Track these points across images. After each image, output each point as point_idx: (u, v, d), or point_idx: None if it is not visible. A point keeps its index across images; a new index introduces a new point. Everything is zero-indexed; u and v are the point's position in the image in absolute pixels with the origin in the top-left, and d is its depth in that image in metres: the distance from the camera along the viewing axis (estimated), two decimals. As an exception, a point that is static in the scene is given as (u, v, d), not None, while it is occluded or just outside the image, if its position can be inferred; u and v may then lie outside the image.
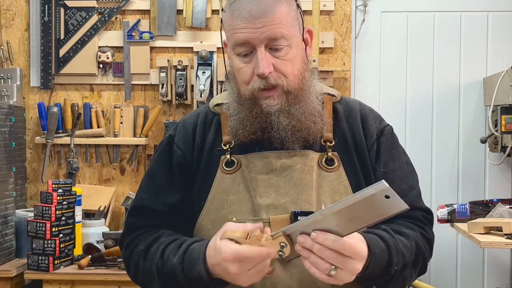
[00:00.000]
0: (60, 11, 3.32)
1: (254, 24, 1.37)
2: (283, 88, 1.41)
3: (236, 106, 1.47)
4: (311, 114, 1.45)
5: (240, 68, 1.43)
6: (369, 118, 1.53)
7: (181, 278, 1.35)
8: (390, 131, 1.55)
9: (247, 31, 1.38)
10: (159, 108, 3.28)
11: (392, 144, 1.54)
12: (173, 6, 3.30)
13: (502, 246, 2.55)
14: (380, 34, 3.40)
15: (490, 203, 2.90)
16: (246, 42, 1.39)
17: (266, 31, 1.37)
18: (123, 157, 3.36)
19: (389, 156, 1.51)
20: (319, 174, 1.44)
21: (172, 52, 3.34)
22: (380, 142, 1.51)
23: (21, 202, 3.18)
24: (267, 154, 1.44)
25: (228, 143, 1.48)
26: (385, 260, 1.30)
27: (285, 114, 1.42)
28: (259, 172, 1.43)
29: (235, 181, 1.45)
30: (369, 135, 1.50)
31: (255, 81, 1.41)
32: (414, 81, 3.40)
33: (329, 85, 3.25)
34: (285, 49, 1.40)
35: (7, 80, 3.23)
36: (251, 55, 1.41)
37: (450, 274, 3.40)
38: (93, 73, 3.33)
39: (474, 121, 3.38)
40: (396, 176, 1.49)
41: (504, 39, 3.36)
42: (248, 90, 1.42)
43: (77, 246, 2.91)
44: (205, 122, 1.53)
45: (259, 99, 1.42)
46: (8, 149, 2.97)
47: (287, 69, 1.41)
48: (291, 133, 1.42)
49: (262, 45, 1.38)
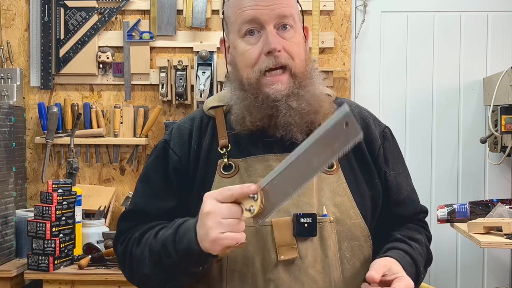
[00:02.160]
0: (60, 11, 3.33)
1: (264, 1, 1.38)
2: (290, 70, 1.40)
3: (239, 93, 1.44)
4: (319, 98, 1.44)
5: (246, 51, 1.41)
6: (370, 121, 1.53)
7: (172, 251, 1.31)
8: (390, 133, 1.56)
9: (258, 8, 1.38)
10: (159, 108, 3.29)
11: (395, 146, 1.56)
12: (173, 6, 3.30)
13: (502, 246, 2.55)
14: (380, 34, 3.41)
15: (490, 203, 2.90)
16: (256, 19, 1.38)
17: (276, 8, 1.38)
18: (123, 157, 3.36)
19: (394, 159, 1.53)
20: (319, 177, 1.42)
21: (172, 52, 3.34)
22: (385, 146, 1.52)
23: (21, 202, 3.18)
24: (267, 157, 1.43)
25: (225, 147, 1.45)
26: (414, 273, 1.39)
27: (294, 97, 1.40)
28: (259, 175, 1.40)
29: (234, 184, 1.42)
30: (374, 139, 1.50)
31: (263, 61, 1.39)
32: (414, 81, 3.40)
33: (329, 85, 3.26)
34: (292, 31, 1.40)
35: (7, 80, 3.23)
36: (258, 35, 1.40)
37: (450, 274, 3.40)
38: (93, 73, 3.33)
39: (474, 121, 3.38)
40: (403, 179, 1.52)
41: (504, 39, 3.37)
42: (254, 72, 1.40)
43: (77, 246, 2.91)
44: (201, 126, 1.51)
45: (265, 86, 1.40)
46: (8, 149, 2.97)
47: (294, 51, 1.40)
48: (300, 117, 1.40)
49: (272, 23, 1.38)
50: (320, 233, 1.38)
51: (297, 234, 1.36)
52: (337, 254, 1.39)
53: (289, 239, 1.36)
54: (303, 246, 1.37)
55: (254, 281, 1.37)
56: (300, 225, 1.37)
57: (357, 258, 1.42)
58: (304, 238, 1.37)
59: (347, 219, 1.41)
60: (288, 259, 1.36)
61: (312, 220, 1.37)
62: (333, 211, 1.40)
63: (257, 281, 1.37)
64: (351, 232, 1.41)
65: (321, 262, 1.38)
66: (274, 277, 1.36)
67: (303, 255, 1.37)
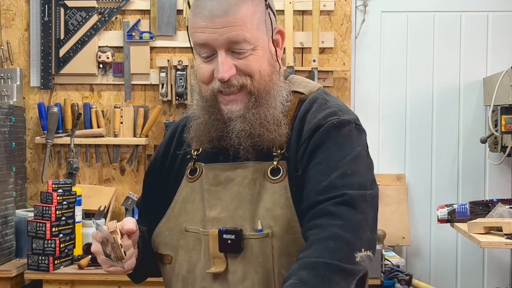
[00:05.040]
0: (60, 11, 3.32)
1: (214, 23, 1.28)
2: (247, 88, 1.32)
3: (198, 110, 1.39)
4: (266, 121, 1.33)
5: (200, 68, 1.34)
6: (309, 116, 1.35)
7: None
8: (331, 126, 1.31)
9: (207, 31, 1.29)
10: (159, 108, 3.28)
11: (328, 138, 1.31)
12: (173, 6, 3.30)
13: (502, 246, 2.55)
14: (380, 34, 3.41)
15: (490, 203, 2.90)
16: (206, 44, 1.30)
17: (225, 33, 1.28)
18: (123, 157, 3.36)
19: (317, 152, 1.30)
20: (263, 186, 1.34)
21: (172, 52, 3.34)
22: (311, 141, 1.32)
23: (21, 202, 3.18)
24: (215, 166, 1.39)
25: (197, 150, 1.43)
26: None
27: (241, 119, 1.33)
28: (211, 184, 1.38)
29: (194, 189, 1.42)
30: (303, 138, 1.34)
31: (215, 82, 1.32)
32: (414, 81, 3.40)
33: (329, 85, 3.26)
34: (248, 52, 1.30)
35: (7, 80, 3.23)
36: (212, 57, 1.32)
37: (450, 274, 3.40)
38: (93, 73, 3.33)
39: (474, 121, 3.38)
40: (317, 170, 1.29)
41: (504, 39, 3.37)
42: (208, 90, 1.34)
43: (77, 246, 2.91)
44: (185, 128, 1.46)
45: (221, 103, 1.35)
46: (8, 149, 2.97)
47: (251, 69, 1.31)
48: (244, 140, 1.33)
49: (223, 48, 1.29)
50: (251, 249, 1.31)
51: (220, 249, 1.32)
52: (271, 271, 1.31)
53: (218, 253, 1.33)
54: (232, 261, 1.33)
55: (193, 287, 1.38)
56: (223, 241, 1.32)
57: None
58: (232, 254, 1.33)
59: (285, 234, 1.31)
60: (216, 272, 1.33)
61: (236, 237, 1.31)
62: (270, 224, 1.31)
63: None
64: (287, 248, 1.31)
65: (251, 279, 1.32)
66: (207, 286, 1.35)
67: (232, 270, 1.33)
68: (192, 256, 1.38)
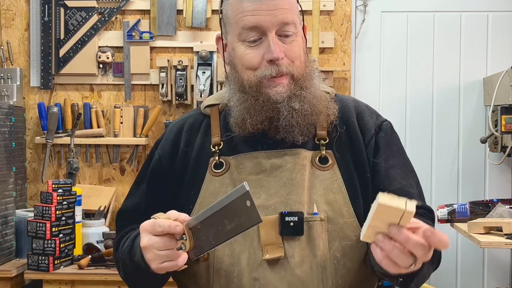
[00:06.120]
0: (60, 11, 3.32)
1: (267, 5, 1.33)
2: (292, 75, 1.38)
3: (239, 95, 1.42)
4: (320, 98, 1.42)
5: (246, 54, 1.37)
6: (365, 114, 1.49)
7: (129, 263, 1.36)
8: (389, 126, 1.50)
9: (259, 13, 1.34)
10: (159, 108, 3.29)
11: (392, 139, 1.49)
12: (173, 6, 3.30)
13: (502, 246, 2.55)
14: (380, 34, 3.41)
15: (490, 203, 2.90)
16: (258, 26, 1.34)
17: (279, 14, 1.34)
18: (123, 157, 3.36)
19: (390, 152, 1.46)
20: (312, 173, 1.40)
21: (172, 52, 3.34)
22: (379, 138, 1.46)
23: (21, 202, 3.18)
24: (256, 155, 1.41)
25: (217, 145, 1.44)
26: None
27: (296, 98, 1.38)
28: (249, 173, 1.40)
29: (224, 183, 1.41)
30: (367, 131, 1.45)
31: (265, 68, 1.36)
32: (414, 81, 3.40)
33: (329, 85, 3.25)
34: (293, 36, 1.38)
35: (7, 80, 3.23)
36: (259, 42, 1.36)
37: (450, 274, 3.40)
38: (93, 73, 3.33)
39: (474, 121, 3.38)
40: (398, 172, 1.44)
41: (504, 39, 3.36)
42: (255, 76, 1.37)
43: (77, 246, 2.92)
44: (193, 126, 1.50)
45: (266, 88, 1.38)
46: (8, 149, 2.97)
47: (295, 55, 1.38)
48: (302, 119, 1.38)
49: (274, 29, 1.34)
50: (308, 232, 1.35)
51: (281, 233, 1.34)
52: (326, 254, 1.35)
53: (275, 238, 1.34)
54: (289, 246, 1.35)
55: (240, 280, 1.35)
56: (285, 224, 1.34)
57: (348, 258, 1.37)
58: (291, 237, 1.34)
59: (339, 218, 1.37)
60: (273, 258, 1.34)
61: (298, 219, 1.34)
62: (324, 209, 1.37)
63: (243, 280, 1.35)
64: (342, 232, 1.37)
65: (309, 262, 1.34)
66: (259, 276, 1.34)
67: (290, 254, 1.34)
68: (234, 249, 1.36)
